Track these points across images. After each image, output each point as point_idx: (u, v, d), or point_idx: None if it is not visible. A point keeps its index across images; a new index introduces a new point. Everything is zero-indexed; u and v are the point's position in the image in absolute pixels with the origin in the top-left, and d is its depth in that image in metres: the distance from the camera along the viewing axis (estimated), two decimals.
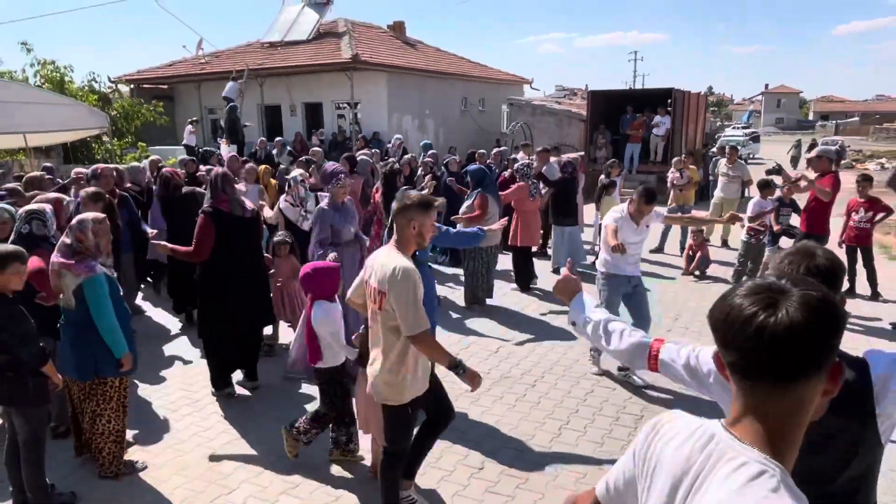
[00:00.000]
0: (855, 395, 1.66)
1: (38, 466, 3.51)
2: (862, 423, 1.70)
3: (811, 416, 1.12)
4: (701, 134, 20.68)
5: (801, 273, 1.72)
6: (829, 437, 1.68)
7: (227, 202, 4.79)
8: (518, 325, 6.76)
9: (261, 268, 5.14)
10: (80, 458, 4.08)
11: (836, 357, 1.10)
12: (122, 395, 3.95)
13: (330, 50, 19.53)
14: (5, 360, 3.34)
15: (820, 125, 66.69)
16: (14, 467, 3.54)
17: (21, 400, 3.41)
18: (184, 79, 21.95)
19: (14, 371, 3.35)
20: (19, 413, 3.44)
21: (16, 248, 3.46)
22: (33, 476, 3.49)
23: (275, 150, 14.36)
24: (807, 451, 1.27)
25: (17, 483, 3.55)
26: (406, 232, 3.14)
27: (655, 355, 1.99)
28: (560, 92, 36.65)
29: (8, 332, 3.29)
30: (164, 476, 3.97)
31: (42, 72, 18.29)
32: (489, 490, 3.79)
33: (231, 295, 4.81)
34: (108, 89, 21.24)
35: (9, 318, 3.30)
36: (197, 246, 4.68)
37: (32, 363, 3.39)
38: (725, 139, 28.20)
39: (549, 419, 4.67)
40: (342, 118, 20.32)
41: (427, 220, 3.16)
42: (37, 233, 4.12)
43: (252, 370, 5.23)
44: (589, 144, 17.21)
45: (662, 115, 16.67)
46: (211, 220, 4.67)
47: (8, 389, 3.38)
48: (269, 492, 3.79)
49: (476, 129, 22.90)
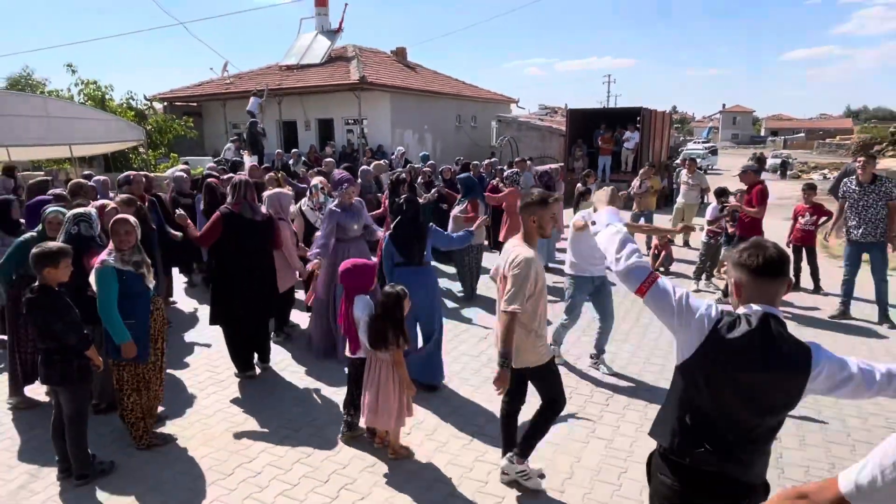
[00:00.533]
0: (800, 372, 1.83)
1: (81, 438, 3.51)
2: (798, 392, 1.85)
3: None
4: (666, 147, 20.71)
5: (759, 262, 1.86)
6: (775, 392, 1.86)
7: (240, 206, 4.83)
8: None
9: (268, 266, 5.08)
10: (116, 431, 4.07)
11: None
12: (140, 378, 3.87)
13: (340, 72, 19.49)
14: (55, 346, 3.36)
15: (770, 140, 66.83)
16: (59, 439, 3.53)
17: (68, 380, 3.41)
18: (211, 97, 21.87)
19: (61, 355, 3.37)
20: (66, 392, 3.44)
21: (63, 246, 3.47)
22: (76, 447, 3.50)
23: (291, 160, 14.32)
24: (759, 399, 1.82)
25: (62, 453, 3.55)
26: (528, 226, 3.22)
27: (652, 281, 2.04)
28: (543, 110, 36.65)
29: (58, 320, 3.31)
30: (192, 447, 3.96)
31: (85, 90, 18.22)
32: (478, 459, 3.81)
33: (239, 288, 4.83)
34: (143, 106, 21.18)
35: (58, 308, 3.33)
36: (204, 234, 4.84)
37: (78, 348, 3.40)
38: (687, 152, 28.22)
39: None
40: (351, 132, 20.27)
41: (546, 214, 3.20)
42: (84, 234, 4.09)
43: (263, 353, 5.22)
44: (568, 156, 17.24)
45: (632, 130, 16.72)
46: (222, 217, 4.78)
47: (56, 371, 3.39)
48: (285, 460, 3.79)
49: (469, 143, 22.88)
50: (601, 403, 4.60)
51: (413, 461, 3.79)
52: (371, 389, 3.71)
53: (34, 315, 3.33)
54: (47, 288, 3.34)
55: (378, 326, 3.64)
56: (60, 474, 3.57)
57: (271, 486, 3.52)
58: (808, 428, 4.17)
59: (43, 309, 3.31)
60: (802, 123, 77.51)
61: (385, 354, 3.66)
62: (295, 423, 4.27)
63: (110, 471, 3.64)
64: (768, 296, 1.88)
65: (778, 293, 1.90)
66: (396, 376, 3.68)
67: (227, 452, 3.90)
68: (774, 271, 1.86)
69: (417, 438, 4.03)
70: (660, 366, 5.25)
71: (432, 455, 3.86)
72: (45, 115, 11.11)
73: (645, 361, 5.39)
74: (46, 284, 3.34)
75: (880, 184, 6.19)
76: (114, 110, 17.64)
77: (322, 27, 22.37)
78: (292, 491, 3.48)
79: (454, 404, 4.56)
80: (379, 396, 3.67)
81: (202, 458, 3.82)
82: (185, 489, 3.51)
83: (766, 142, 66.07)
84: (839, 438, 4.05)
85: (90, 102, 17.65)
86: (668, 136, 21.94)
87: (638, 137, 16.60)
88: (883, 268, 6.35)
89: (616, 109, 22.96)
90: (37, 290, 3.33)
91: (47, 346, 3.39)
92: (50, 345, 3.37)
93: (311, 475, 3.63)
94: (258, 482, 3.57)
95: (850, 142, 40.45)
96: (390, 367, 3.67)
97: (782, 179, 26.39)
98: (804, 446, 3.94)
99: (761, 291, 1.88)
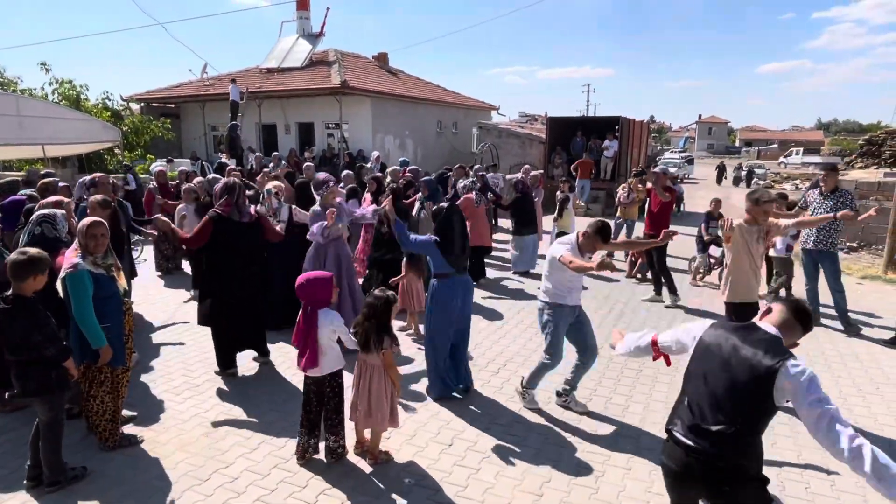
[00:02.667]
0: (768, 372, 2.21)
1: (56, 445, 3.42)
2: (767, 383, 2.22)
3: None
4: (644, 156, 21.05)
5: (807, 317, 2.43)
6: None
7: (230, 208, 4.84)
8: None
9: (260, 264, 5.15)
10: (88, 436, 3.99)
11: None
12: (115, 380, 3.84)
13: (321, 76, 19.42)
14: (33, 356, 3.24)
15: (745, 151, 68.15)
16: (35, 446, 3.45)
17: (45, 390, 3.31)
18: (189, 99, 21.61)
19: (39, 366, 3.27)
20: (44, 401, 3.34)
21: (40, 253, 3.30)
22: (51, 453, 3.41)
23: (271, 163, 14.21)
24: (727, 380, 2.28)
25: (35, 461, 3.46)
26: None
27: (655, 343, 2.74)
28: (523, 117, 36.98)
29: (37, 332, 3.20)
30: (167, 452, 3.90)
31: (60, 90, 17.86)
32: (457, 464, 3.82)
33: (230, 286, 4.89)
34: (120, 107, 20.84)
35: (36, 319, 3.21)
36: (193, 237, 4.83)
37: (58, 359, 3.30)
38: (664, 161, 28.71)
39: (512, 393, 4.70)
40: (331, 136, 20.20)
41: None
42: (48, 235, 3.99)
43: (262, 348, 5.33)
44: (547, 163, 17.40)
45: (611, 139, 16.95)
46: (211, 221, 4.79)
47: (34, 382, 3.28)
48: (263, 466, 3.75)
49: (450, 149, 22.96)
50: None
51: (392, 465, 3.78)
52: (363, 396, 3.68)
53: (11, 326, 3.17)
54: (22, 297, 3.20)
55: (364, 328, 3.63)
56: (29, 482, 3.47)
57: (248, 492, 3.48)
58: (779, 431, 4.26)
59: (19, 320, 3.17)
60: (775, 135, 79.20)
61: (375, 358, 3.65)
62: (272, 427, 4.23)
63: (83, 476, 3.56)
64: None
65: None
66: (387, 379, 3.68)
67: (203, 458, 3.84)
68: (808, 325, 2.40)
69: (397, 443, 4.02)
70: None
71: (411, 460, 3.86)
72: (17, 115, 10.88)
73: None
74: (21, 294, 3.20)
75: (839, 194, 6.34)
76: (89, 110, 17.32)
77: (303, 31, 22.29)
78: (270, 496, 3.44)
79: (432, 409, 4.56)
80: (372, 402, 3.65)
81: (178, 464, 3.76)
82: (161, 495, 3.44)
83: (741, 152, 67.36)
84: (810, 442, 4.14)
85: (65, 102, 17.31)
86: (645, 145, 22.30)
87: (616, 146, 16.83)
88: (836, 279, 6.50)
89: (595, 118, 23.23)
90: (10, 299, 3.18)
91: (22, 357, 3.24)
92: (26, 356, 3.24)
93: (289, 480, 3.60)
94: (235, 488, 3.52)
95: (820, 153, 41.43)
96: (381, 370, 3.66)
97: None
98: (777, 449, 4.03)
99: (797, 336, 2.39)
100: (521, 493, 3.50)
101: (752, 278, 4.63)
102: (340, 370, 3.75)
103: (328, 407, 3.72)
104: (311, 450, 3.79)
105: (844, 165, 20.28)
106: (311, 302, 3.60)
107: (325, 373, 3.66)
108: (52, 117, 11.36)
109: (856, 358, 5.72)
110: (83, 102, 18.09)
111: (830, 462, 3.87)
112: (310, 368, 3.62)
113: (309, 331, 3.57)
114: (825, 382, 3.31)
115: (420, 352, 5.46)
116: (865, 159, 19.57)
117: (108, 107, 19.59)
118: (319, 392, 3.70)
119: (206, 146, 21.47)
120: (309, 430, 3.76)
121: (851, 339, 6.25)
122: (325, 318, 3.58)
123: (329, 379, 3.69)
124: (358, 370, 3.75)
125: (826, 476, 3.73)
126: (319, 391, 3.70)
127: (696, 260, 8.71)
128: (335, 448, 3.77)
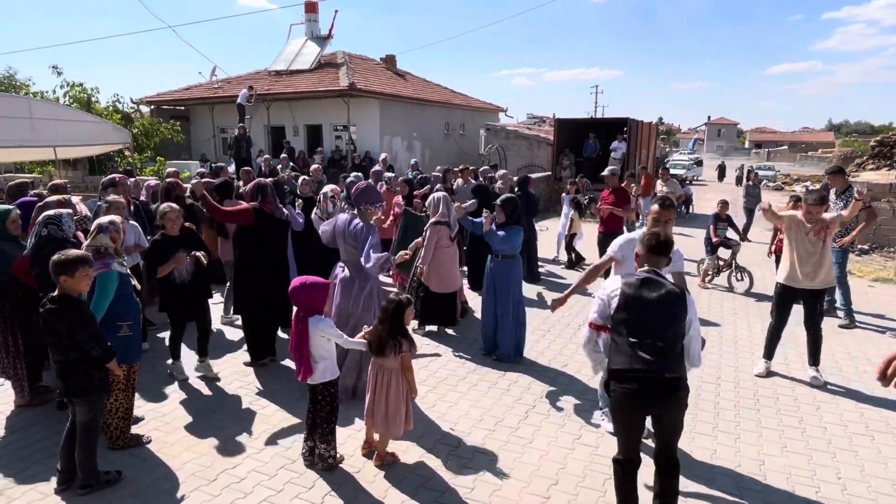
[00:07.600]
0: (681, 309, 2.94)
1: (93, 448, 3.41)
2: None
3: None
4: (652, 158, 20.95)
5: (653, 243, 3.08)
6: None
7: (271, 204, 5.21)
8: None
9: (283, 267, 5.45)
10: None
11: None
12: (130, 377, 3.91)
13: (329, 78, 19.50)
14: (77, 356, 3.25)
15: (755, 152, 67.81)
16: (67, 449, 3.43)
17: (87, 391, 3.32)
18: (198, 101, 21.78)
19: (83, 365, 3.27)
20: (85, 402, 3.32)
21: (83, 254, 3.31)
22: (87, 456, 3.39)
23: (279, 165, 14.28)
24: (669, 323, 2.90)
25: (67, 464, 3.43)
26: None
27: (594, 326, 3.15)
28: (531, 119, 36.92)
29: (82, 332, 3.21)
30: (175, 452, 3.92)
31: (71, 92, 18.00)
32: (465, 466, 3.80)
33: (258, 278, 5.21)
34: (130, 109, 21.01)
35: (82, 319, 3.22)
36: (232, 212, 5.22)
37: (103, 360, 3.31)
38: (673, 163, 28.57)
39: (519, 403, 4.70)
40: (339, 139, 20.27)
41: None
42: (55, 236, 4.02)
43: (271, 348, 5.49)
44: (555, 165, 17.36)
45: (619, 140, 16.90)
46: (253, 210, 5.15)
47: (78, 382, 3.29)
48: (270, 466, 3.76)
49: (457, 151, 22.98)
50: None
51: (398, 467, 3.78)
52: (380, 401, 3.65)
53: (57, 326, 3.17)
54: (68, 297, 3.20)
55: (378, 333, 3.61)
56: (60, 486, 3.43)
57: (255, 492, 3.49)
58: (790, 435, 4.22)
59: (65, 319, 3.17)
60: (785, 136, 78.83)
61: (392, 362, 3.62)
62: (280, 428, 4.23)
63: (115, 481, 3.51)
64: (656, 264, 3.07)
65: (660, 263, 3.07)
66: (404, 382, 3.66)
67: (210, 458, 3.86)
68: (661, 250, 3.06)
69: (404, 444, 4.02)
70: None
71: (419, 461, 3.85)
72: (29, 117, 10.97)
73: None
74: (66, 294, 3.20)
75: (850, 192, 6.61)
76: (100, 113, 17.43)
77: (312, 33, 22.40)
78: (276, 497, 3.44)
79: (440, 410, 4.55)
80: (389, 407, 3.63)
81: (185, 464, 3.77)
82: (168, 495, 3.45)
83: (751, 154, 66.97)
84: (820, 446, 4.11)
85: (76, 105, 17.45)
86: (654, 146, 22.20)
87: (625, 147, 16.78)
88: (840, 271, 6.65)
89: (603, 120, 23.19)
90: (56, 299, 3.19)
91: (66, 357, 3.24)
92: (70, 356, 3.23)
93: (296, 481, 3.60)
94: (242, 488, 3.53)
95: (831, 155, 41.12)
96: (398, 374, 3.64)
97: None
98: (786, 453, 3.99)
99: (651, 261, 3.07)
100: (528, 496, 3.49)
101: (793, 265, 5.08)
102: (335, 380, 3.69)
103: (320, 416, 3.66)
104: (331, 462, 3.76)
105: (855, 168, 20.09)
106: (305, 308, 3.53)
107: (318, 382, 3.61)
108: (63, 119, 11.44)
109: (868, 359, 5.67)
110: (94, 105, 18.22)
111: (841, 466, 3.84)
112: (306, 378, 3.58)
113: (302, 340, 3.51)
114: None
115: (425, 350, 5.49)
116: (877, 161, 19.39)
117: (119, 109, 19.72)
118: (312, 399, 3.68)
119: (215, 148, 21.61)
120: (311, 432, 3.76)
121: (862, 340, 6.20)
122: (314, 327, 3.50)
123: (321, 388, 3.63)
124: (374, 375, 3.71)
125: (836, 480, 3.69)
126: (312, 398, 3.68)
127: (705, 262, 8.65)
128: (326, 457, 3.70)
